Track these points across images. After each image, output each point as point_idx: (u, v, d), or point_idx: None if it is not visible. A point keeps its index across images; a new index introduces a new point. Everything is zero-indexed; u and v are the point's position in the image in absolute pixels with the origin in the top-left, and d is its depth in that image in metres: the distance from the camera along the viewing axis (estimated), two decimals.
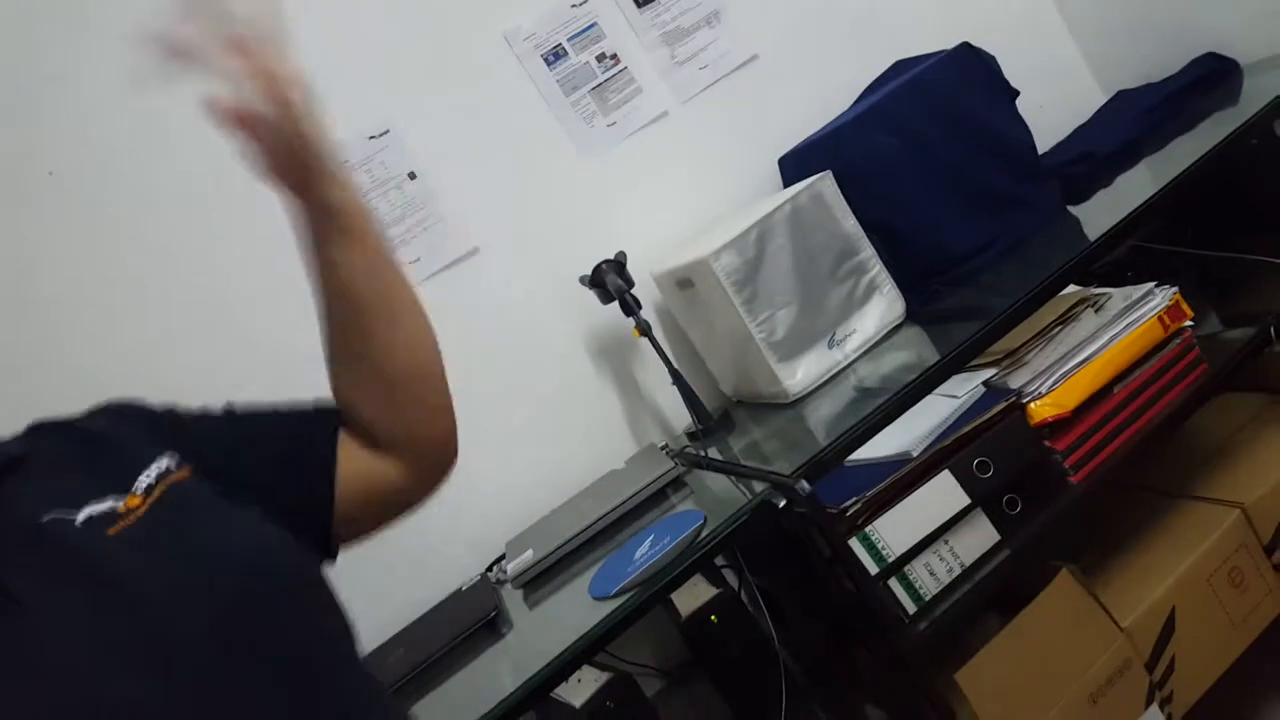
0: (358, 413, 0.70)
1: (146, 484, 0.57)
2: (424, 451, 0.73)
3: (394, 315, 0.69)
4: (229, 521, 0.58)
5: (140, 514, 0.55)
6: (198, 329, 1.38)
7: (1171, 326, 1.21)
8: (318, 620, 0.58)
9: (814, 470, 1.07)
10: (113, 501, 0.55)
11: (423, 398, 0.72)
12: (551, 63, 1.55)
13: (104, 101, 1.34)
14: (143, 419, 0.65)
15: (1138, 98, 1.64)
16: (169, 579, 0.52)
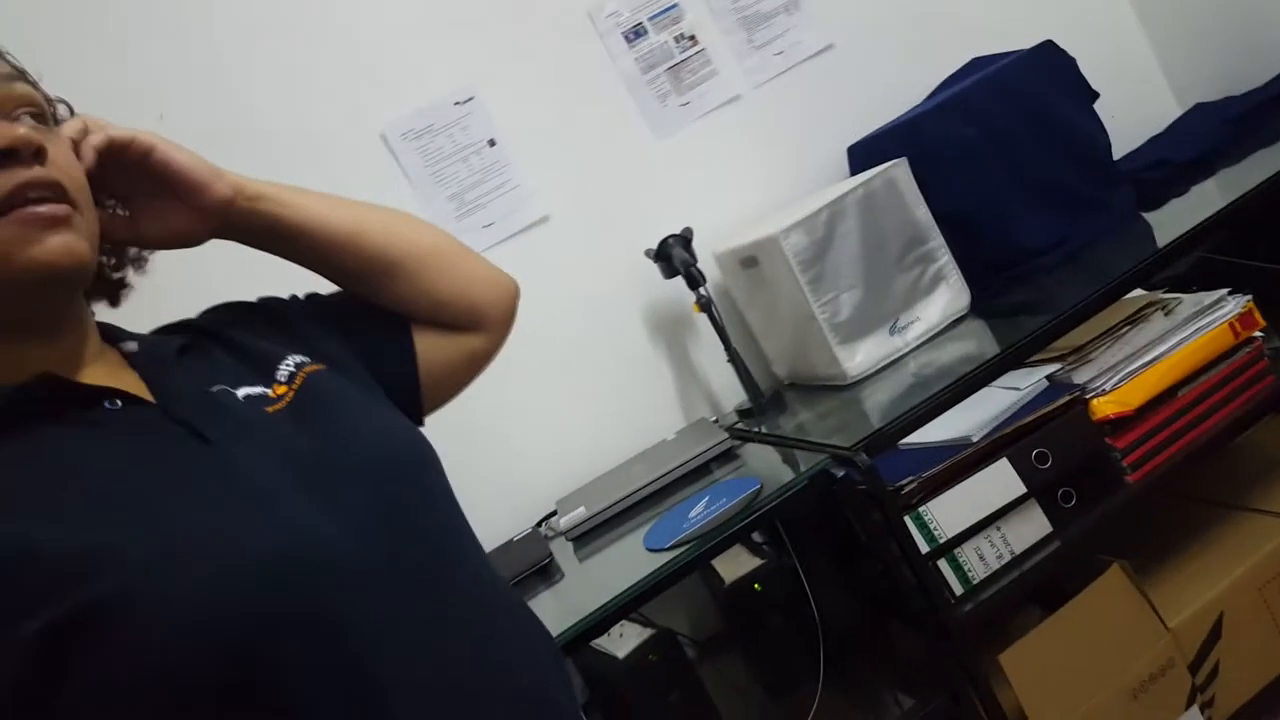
0: (425, 312, 0.76)
1: (288, 373, 0.62)
2: (493, 311, 0.80)
3: (379, 221, 0.74)
4: (364, 407, 0.65)
5: (289, 399, 0.61)
6: None
7: (1243, 334, 1.21)
8: (447, 491, 0.64)
9: (872, 446, 1.09)
10: (262, 387, 0.61)
11: (460, 267, 0.78)
12: (631, 40, 1.59)
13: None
14: (257, 316, 0.71)
15: (1217, 110, 1.63)
16: (327, 455, 0.57)
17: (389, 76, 1.47)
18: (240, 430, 0.56)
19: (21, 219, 0.50)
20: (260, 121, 1.42)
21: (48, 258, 0.51)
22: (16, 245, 0.50)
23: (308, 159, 1.44)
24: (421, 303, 0.75)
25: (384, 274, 0.74)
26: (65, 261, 0.52)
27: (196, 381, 0.60)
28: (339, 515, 0.53)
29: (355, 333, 0.73)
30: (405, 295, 0.74)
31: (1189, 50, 1.76)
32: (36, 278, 0.51)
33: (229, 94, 1.41)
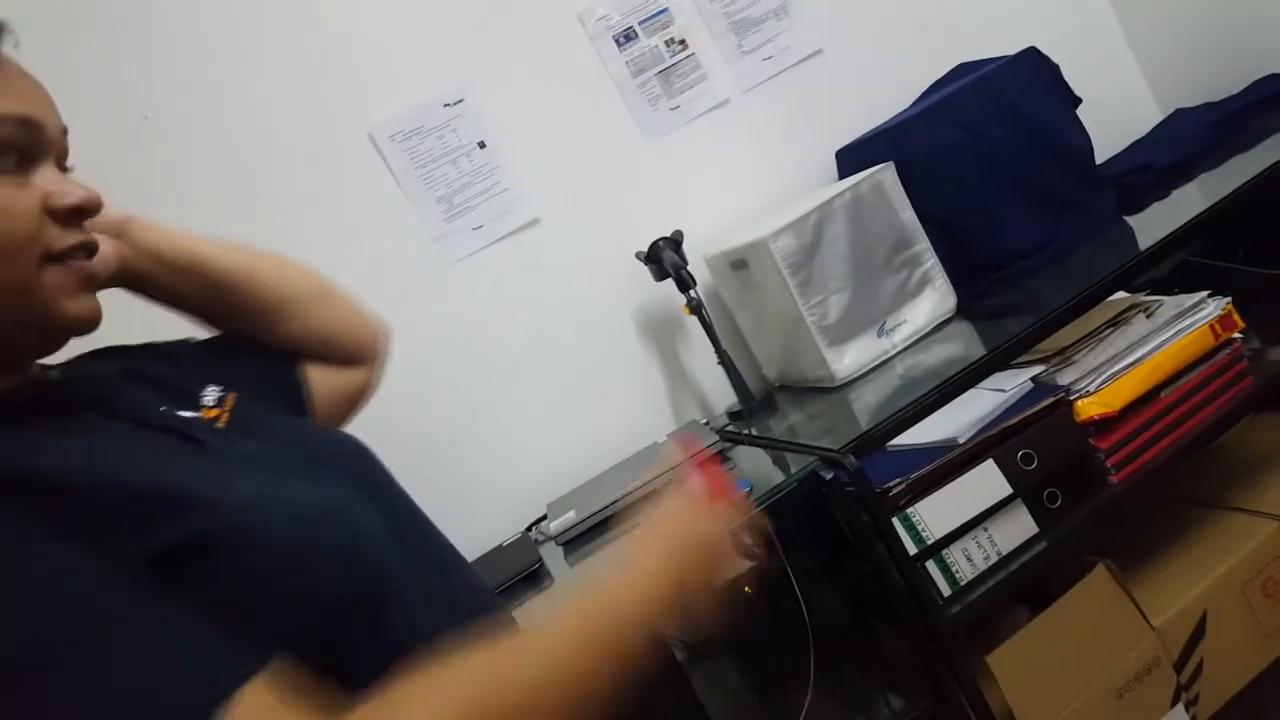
0: (314, 348, 0.79)
1: (215, 398, 0.64)
2: (372, 349, 0.85)
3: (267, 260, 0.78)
4: (297, 421, 0.70)
5: (226, 419, 0.63)
6: None
7: (1222, 336, 1.22)
8: (400, 487, 0.69)
9: (860, 448, 1.10)
10: (194, 412, 0.63)
11: (340, 305, 0.82)
12: (622, 44, 1.59)
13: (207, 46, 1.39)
14: (155, 355, 0.71)
15: (1197, 115, 1.65)
16: (292, 452, 0.61)
17: (377, 78, 1.47)
18: (215, 433, 0.59)
19: (69, 271, 0.54)
20: (247, 122, 1.41)
21: (80, 313, 0.55)
22: (58, 295, 0.54)
23: (295, 160, 1.43)
24: (311, 339, 0.78)
25: (276, 310, 0.77)
26: (91, 320, 0.56)
27: (145, 403, 0.61)
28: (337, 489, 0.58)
29: (250, 368, 0.74)
30: (295, 332, 0.78)
31: (1169, 57, 1.79)
32: (60, 329, 0.55)
33: (215, 95, 1.40)
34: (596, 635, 0.53)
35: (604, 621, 0.54)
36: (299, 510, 0.54)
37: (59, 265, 0.53)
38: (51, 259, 0.53)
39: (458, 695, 0.46)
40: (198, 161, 1.39)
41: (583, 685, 0.50)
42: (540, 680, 0.49)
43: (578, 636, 0.53)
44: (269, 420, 0.66)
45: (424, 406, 1.48)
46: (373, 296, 1.45)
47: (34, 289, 0.52)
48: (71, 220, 0.55)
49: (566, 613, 0.54)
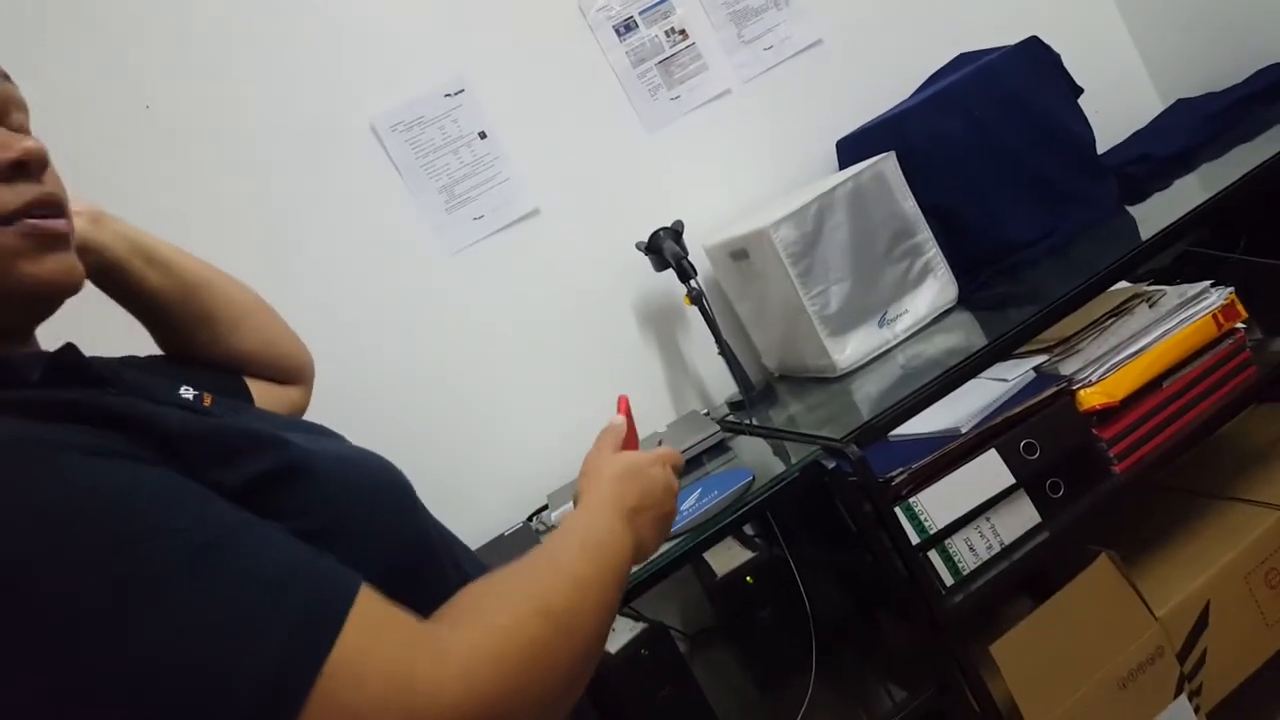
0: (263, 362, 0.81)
1: (191, 395, 0.64)
2: (309, 369, 0.87)
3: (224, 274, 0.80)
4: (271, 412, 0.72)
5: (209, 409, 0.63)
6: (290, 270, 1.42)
7: (1225, 326, 1.22)
8: None
9: (862, 438, 1.09)
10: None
11: (283, 324, 0.85)
12: (622, 34, 1.58)
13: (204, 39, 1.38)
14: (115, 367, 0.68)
15: (1199, 106, 1.65)
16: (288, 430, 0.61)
17: (379, 68, 1.46)
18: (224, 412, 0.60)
19: (26, 230, 0.50)
20: (249, 112, 1.41)
21: (48, 277, 0.51)
22: (17, 259, 0.50)
23: (297, 151, 1.43)
24: (263, 353, 0.80)
25: (235, 321, 0.78)
26: (64, 281, 0.53)
27: (145, 385, 0.60)
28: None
29: (205, 379, 0.73)
30: (249, 344, 0.79)
31: (1171, 47, 1.78)
32: (32, 294, 0.52)
33: (217, 84, 1.40)
34: (593, 554, 0.57)
35: (585, 542, 0.58)
36: (358, 457, 0.57)
37: (10, 227, 0.49)
38: (3, 221, 0.49)
39: (522, 597, 0.50)
40: (199, 151, 1.38)
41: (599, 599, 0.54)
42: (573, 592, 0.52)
43: (582, 554, 0.56)
44: (249, 412, 0.68)
45: (425, 395, 1.48)
46: (374, 286, 1.47)
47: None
48: (15, 177, 0.50)
49: (557, 541, 0.58)
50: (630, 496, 0.65)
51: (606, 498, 0.64)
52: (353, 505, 0.53)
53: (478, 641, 0.45)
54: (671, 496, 0.70)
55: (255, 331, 0.79)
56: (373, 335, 1.46)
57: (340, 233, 1.45)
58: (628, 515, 0.63)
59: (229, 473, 0.47)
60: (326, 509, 0.51)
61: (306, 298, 1.41)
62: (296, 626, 0.41)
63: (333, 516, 0.51)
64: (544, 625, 0.48)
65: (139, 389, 0.57)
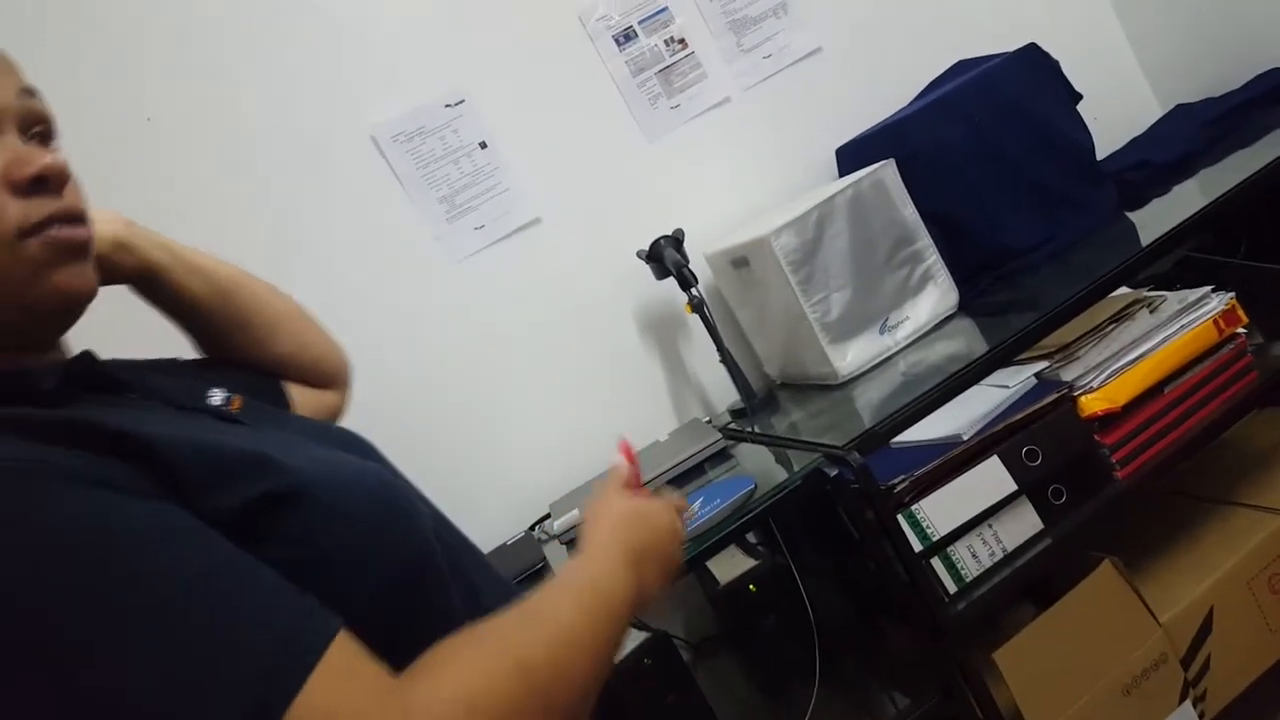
0: (300, 366, 0.82)
1: (222, 398, 0.65)
2: (345, 374, 0.88)
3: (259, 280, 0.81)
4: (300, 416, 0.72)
5: (240, 407, 0.64)
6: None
7: (1226, 331, 1.22)
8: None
9: (864, 445, 1.09)
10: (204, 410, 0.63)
11: (320, 329, 0.85)
12: (622, 43, 1.59)
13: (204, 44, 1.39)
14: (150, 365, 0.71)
15: (1198, 111, 1.65)
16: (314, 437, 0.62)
17: (379, 79, 1.47)
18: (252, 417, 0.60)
19: (47, 241, 0.51)
20: (250, 124, 1.41)
21: (69, 288, 0.53)
22: (41, 269, 0.51)
23: (298, 161, 1.43)
24: (299, 358, 0.81)
25: (271, 326, 0.79)
26: (82, 291, 0.54)
27: (169, 390, 0.61)
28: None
29: (241, 382, 0.74)
30: (286, 349, 0.80)
31: (1169, 53, 1.79)
32: (56, 304, 0.53)
33: (218, 96, 1.40)
34: (588, 603, 0.55)
35: (581, 590, 0.57)
36: (356, 473, 0.55)
37: (36, 238, 0.51)
38: (27, 234, 0.51)
39: (499, 652, 0.48)
40: (200, 163, 1.39)
41: (589, 651, 0.52)
42: (559, 645, 0.51)
43: (575, 603, 0.54)
44: (272, 415, 0.68)
45: (427, 405, 1.48)
46: (376, 296, 1.47)
47: (14, 268, 0.50)
48: (37, 190, 0.51)
49: (551, 588, 0.56)
50: (634, 541, 0.63)
51: (610, 542, 0.62)
52: (351, 527, 0.52)
53: (445, 698, 0.44)
54: (676, 541, 0.68)
55: (290, 336, 0.80)
56: (375, 345, 1.46)
57: (341, 243, 1.45)
58: (632, 560, 0.61)
59: (225, 497, 0.47)
60: (324, 532, 0.50)
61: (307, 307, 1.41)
62: (262, 673, 0.41)
63: (331, 539, 0.50)
64: (521, 681, 0.47)
65: (162, 393, 0.59)
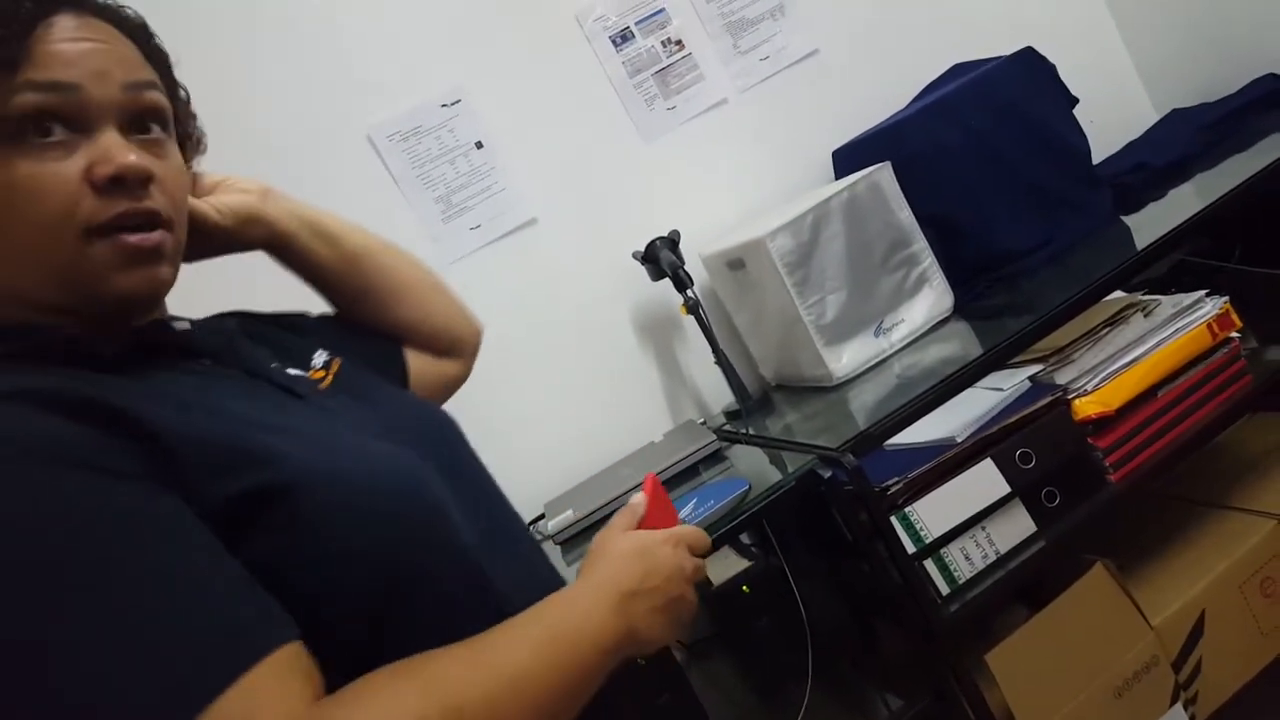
0: (419, 336, 0.83)
1: (323, 361, 0.69)
2: (470, 343, 0.89)
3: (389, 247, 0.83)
4: (395, 389, 0.73)
5: (329, 381, 0.67)
6: None
7: (1220, 335, 1.22)
8: (481, 462, 0.71)
9: (858, 447, 1.10)
10: (302, 370, 0.67)
11: (449, 298, 0.87)
12: (619, 44, 1.59)
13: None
14: (270, 321, 0.76)
15: (1194, 116, 1.66)
16: (383, 415, 0.64)
17: (376, 78, 1.47)
18: (317, 392, 0.63)
19: (115, 246, 0.53)
20: (245, 123, 1.40)
21: (130, 291, 0.54)
22: (105, 271, 0.53)
23: (293, 161, 1.42)
24: (422, 326, 0.83)
25: (392, 294, 0.81)
26: (146, 293, 0.56)
27: (258, 358, 0.65)
28: (417, 454, 0.61)
29: (358, 344, 0.78)
30: (409, 317, 0.82)
31: (1165, 57, 1.79)
32: (116, 305, 0.55)
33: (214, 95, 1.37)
34: (548, 650, 0.53)
35: (543, 632, 0.54)
36: (373, 472, 0.55)
37: (105, 239, 0.52)
38: (95, 232, 0.52)
39: (428, 691, 0.47)
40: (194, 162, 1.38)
41: (538, 699, 0.51)
42: (499, 690, 0.49)
43: (532, 649, 0.52)
44: (368, 386, 0.69)
45: None
46: None
47: (79, 266, 0.52)
48: (114, 190, 0.52)
49: (514, 627, 0.54)
50: (628, 579, 0.59)
51: (601, 581, 0.59)
52: (338, 528, 0.51)
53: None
54: (683, 580, 0.63)
55: (413, 305, 0.81)
56: None
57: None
58: (621, 600, 0.58)
59: (218, 487, 0.48)
60: (310, 530, 0.50)
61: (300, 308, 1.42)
62: (186, 676, 0.41)
63: (316, 537, 0.50)
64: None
65: (241, 359, 0.62)
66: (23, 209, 0.50)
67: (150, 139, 0.57)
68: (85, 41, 0.53)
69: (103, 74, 0.53)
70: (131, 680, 0.41)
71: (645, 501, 0.68)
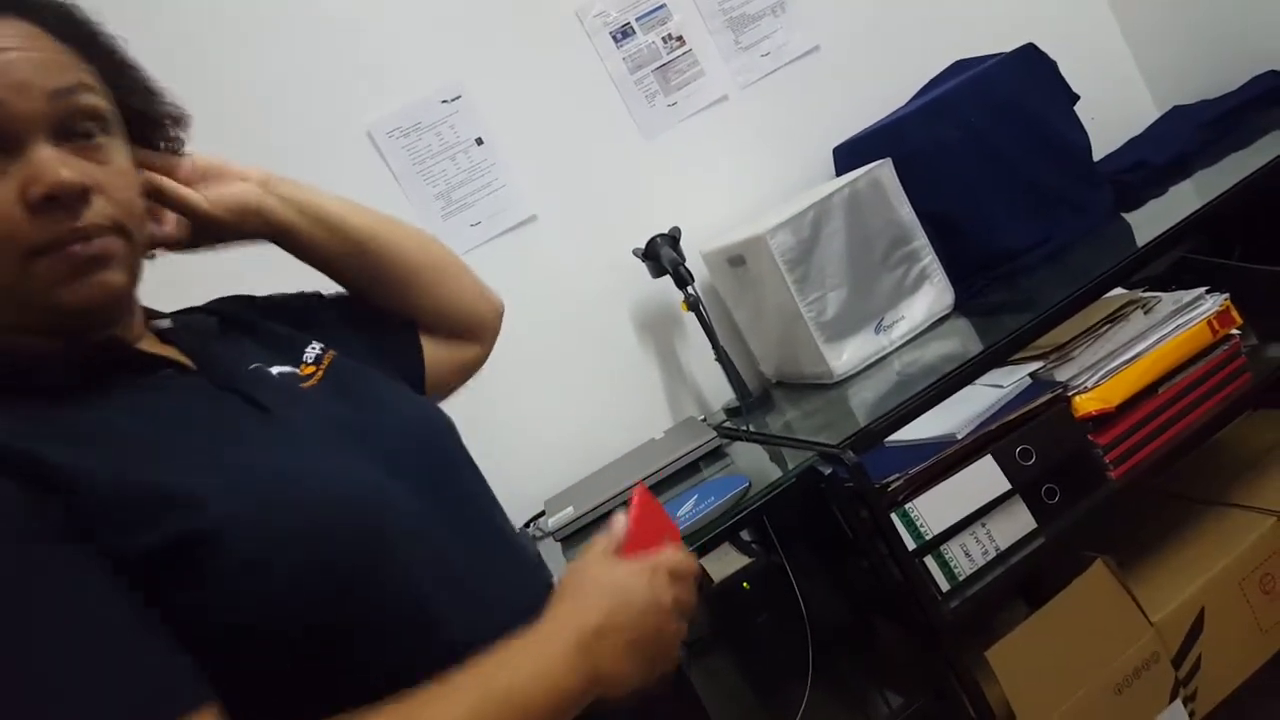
0: (434, 320, 0.80)
1: (314, 355, 0.66)
2: (491, 325, 0.87)
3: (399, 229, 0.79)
4: (388, 384, 0.69)
5: (319, 377, 0.65)
6: None
7: (1220, 332, 1.23)
8: (469, 455, 0.69)
9: (859, 444, 1.10)
10: (291, 367, 0.65)
11: (468, 280, 0.83)
12: (619, 40, 1.59)
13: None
14: (271, 306, 0.74)
15: (1194, 113, 1.66)
16: (367, 420, 0.62)
17: (375, 74, 1.47)
18: (289, 400, 0.60)
19: (58, 260, 0.51)
20: (245, 119, 1.40)
21: (81, 303, 0.53)
22: (52, 286, 0.51)
23: (293, 156, 1.40)
24: (436, 311, 0.80)
25: (402, 280, 0.78)
26: (99, 301, 0.54)
27: (235, 358, 0.63)
28: (387, 467, 0.58)
29: (368, 330, 0.76)
30: (419, 303, 0.79)
31: (1166, 54, 1.79)
32: (71, 317, 0.53)
33: (214, 91, 1.39)
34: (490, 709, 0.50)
35: (490, 684, 0.51)
36: (318, 494, 0.53)
37: (47, 256, 0.51)
38: (37, 252, 0.50)
39: None
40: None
41: None
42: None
43: (470, 709, 0.50)
44: (361, 383, 0.67)
45: None
46: None
47: (26, 285, 0.50)
48: (50, 208, 0.50)
49: (455, 685, 0.51)
50: (594, 616, 0.55)
51: (562, 619, 0.55)
52: (260, 580, 0.49)
53: None
54: (659, 614, 0.57)
55: (427, 290, 0.78)
56: None
57: None
58: (584, 640, 0.54)
59: (133, 538, 0.47)
60: (230, 583, 0.48)
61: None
62: None
63: (235, 591, 0.48)
64: None
65: (212, 365, 0.60)
66: None
67: (87, 145, 0.54)
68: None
69: (22, 85, 0.50)
70: None
71: (627, 523, 0.62)
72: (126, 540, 0.46)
